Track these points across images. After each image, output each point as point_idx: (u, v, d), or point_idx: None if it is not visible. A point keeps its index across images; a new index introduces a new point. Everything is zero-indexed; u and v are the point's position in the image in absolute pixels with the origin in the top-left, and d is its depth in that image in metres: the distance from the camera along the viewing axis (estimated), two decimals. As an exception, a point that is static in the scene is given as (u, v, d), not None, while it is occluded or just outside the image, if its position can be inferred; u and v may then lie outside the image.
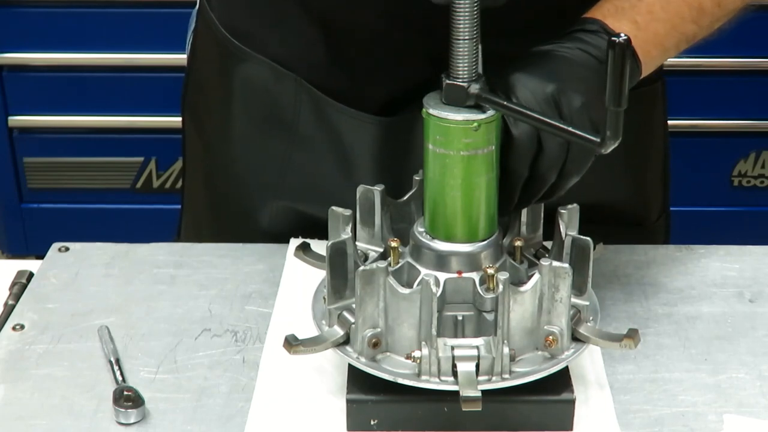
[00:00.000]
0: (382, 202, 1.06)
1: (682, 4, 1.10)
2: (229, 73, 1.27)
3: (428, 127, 0.97)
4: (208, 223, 1.40)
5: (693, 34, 1.12)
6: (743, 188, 2.76)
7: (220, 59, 1.29)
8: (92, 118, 2.70)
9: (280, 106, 1.25)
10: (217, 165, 1.35)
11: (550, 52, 1.03)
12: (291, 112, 1.24)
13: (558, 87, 0.99)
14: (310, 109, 1.23)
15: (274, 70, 1.23)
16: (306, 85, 1.23)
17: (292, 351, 0.97)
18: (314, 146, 1.25)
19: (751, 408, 1.04)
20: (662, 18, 1.09)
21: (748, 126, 2.68)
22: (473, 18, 0.94)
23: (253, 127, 1.28)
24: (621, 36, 0.85)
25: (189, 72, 1.38)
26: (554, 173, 1.00)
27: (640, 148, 1.32)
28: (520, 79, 0.99)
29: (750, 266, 1.25)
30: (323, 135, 1.24)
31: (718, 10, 1.12)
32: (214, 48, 1.30)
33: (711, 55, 2.53)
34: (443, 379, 0.96)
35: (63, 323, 1.15)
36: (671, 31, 1.10)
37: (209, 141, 1.35)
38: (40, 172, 2.79)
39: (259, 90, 1.25)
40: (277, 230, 1.29)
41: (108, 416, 1.02)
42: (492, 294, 0.97)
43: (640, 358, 1.10)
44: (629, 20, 1.06)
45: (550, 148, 0.99)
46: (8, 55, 2.66)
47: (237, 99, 1.28)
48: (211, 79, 1.33)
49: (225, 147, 1.32)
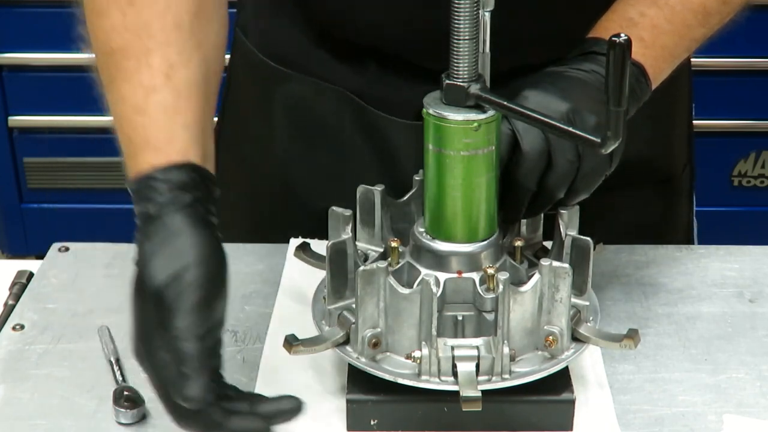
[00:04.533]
0: (382, 202, 1.06)
1: (686, 12, 1.09)
2: (270, 95, 1.28)
3: (428, 127, 0.97)
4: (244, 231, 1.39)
5: (702, 36, 1.11)
6: (743, 188, 2.76)
7: (261, 84, 1.29)
8: (92, 118, 2.70)
9: (323, 119, 1.25)
10: (261, 189, 1.34)
11: (563, 73, 1.03)
12: (335, 124, 1.25)
13: (573, 107, 0.99)
14: (353, 119, 1.24)
15: (316, 85, 1.24)
16: (349, 96, 1.23)
17: (292, 351, 0.97)
18: (360, 156, 1.25)
19: (751, 408, 1.04)
20: (668, 30, 1.08)
21: (748, 126, 2.69)
22: (473, 18, 0.94)
23: (296, 142, 1.28)
24: (621, 36, 0.85)
25: (224, 108, 1.38)
26: (562, 190, 1.00)
27: (666, 102, 1.31)
28: (536, 98, 0.99)
29: (750, 266, 1.25)
30: (368, 144, 1.24)
31: (724, 8, 1.11)
32: (252, 77, 1.30)
33: (711, 55, 2.53)
34: (443, 379, 0.96)
35: (63, 323, 1.15)
36: (680, 41, 1.10)
37: (250, 166, 1.35)
38: (40, 172, 2.79)
39: (303, 105, 1.26)
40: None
41: (108, 416, 1.02)
42: (492, 294, 0.97)
43: (640, 358, 1.10)
44: (636, 38, 1.05)
45: (560, 165, 0.99)
46: (8, 55, 2.66)
47: (279, 116, 1.28)
48: (251, 106, 1.33)
49: (269, 167, 1.31)
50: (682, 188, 1.38)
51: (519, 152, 0.99)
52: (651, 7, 1.08)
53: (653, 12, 1.08)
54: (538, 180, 1.00)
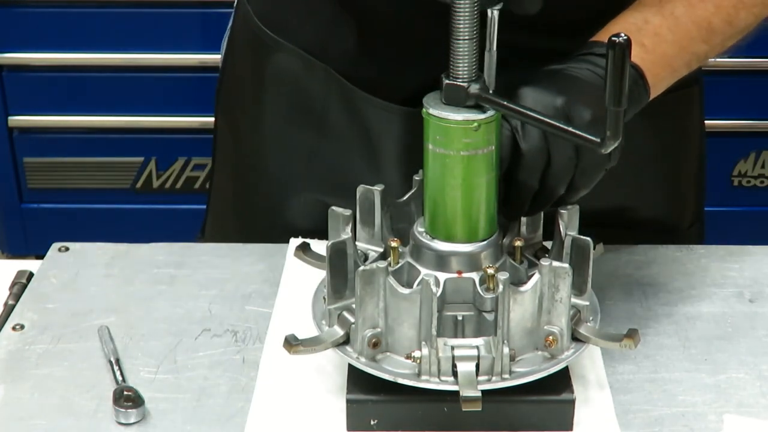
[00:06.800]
0: (382, 202, 1.06)
1: (690, 24, 1.10)
2: (262, 65, 1.29)
3: (428, 127, 0.97)
4: (234, 219, 1.41)
5: (704, 53, 1.12)
6: (743, 188, 2.76)
7: (255, 52, 1.30)
8: (92, 118, 2.70)
9: (309, 97, 1.26)
10: (246, 159, 1.36)
11: (560, 71, 1.04)
12: (320, 103, 1.26)
13: (568, 101, 0.99)
14: (339, 99, 1.25)
15: (304, 60, 1.25)
16: (335, 76, 1.24)
17: (292, 351, 0.97)
18: (342, 137, 1.26)
19: (751, 408, 1.04)
20: (670, 39, 1.09)
21: (748, 126, 2.68)
22: (473, 18, 0.94)
23: (283, 119, 1.30)
24: (621, 36, 0.85)
25: (224, 69, 1.40)
26: (563, 186, 1.01)
27: (674, 153, 1.32)
28: (531, 93, 1.00)
29: (750, 266, 1.25)
30: (351, 126, 1.25)
31: (729, 28, 1.12)
32: (249, 41, 1.31)
33: (711, 55, 2.53)
34: (443, 379, 0.96)
35: (63, 323, 1.15)
36: (680, 52, 1.10)
37: (241, 136, 1.37)
38: (40, 172, 2.79)
39: (290, 81, 1.27)
40: (304, 225, 1.30)
41: (108, 416, 1.02)
42: (492, 294, 0.97)
43: (640, 358, 1.10)
44: (637, 43, 1.05)
45: (558, 162, 0.99)
46: (8, 55, 2.66)
47: (269, 91, 1.29)
48: (246, 73, 1.34)
49: (256, 140, 1.33)
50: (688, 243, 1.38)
51: (519, 152, 0.99)
52: (656, 16, 1.09)
53: (657, 20, 1.09)
54: (539, 178, 1.00)
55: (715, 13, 1.10)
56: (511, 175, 1.00)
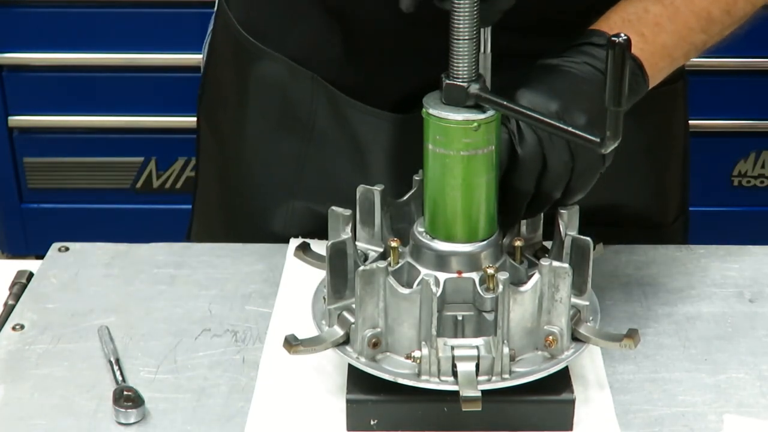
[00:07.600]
0: (382, 202, 1.06)
1: (689, 14, 1.10)
2: (245, 72, 1.28)
3: (428, 127, 0.97)
4: (220, 225, 1.40)
5: (702, 42, 1.12)
6: (743, 188, 2.76)
7: (237, 58, 1.29)
8: (92, 118, 2.70)
9: (295, 104, 1.25)
10: (231, 165, 1.35)
11: (557, 66, 1.03)
12: (307, 110, 1.25)
13: (562, 105, 0.99)
14: (326, 106, 1.24)
15: (290, 67, 1.24)
16: (322, 83, 1.23)
17: (292, 351, 0.97)
18: (330, 144, 1.25)
19: (751, 408, 1.04)
20: (670, 29, 1.09)
21: (748, 126, 2.69)
22: (473, 18, 0.94)
23: (268, 126, 1.29)
24: (621, 36, 0.85)
25: (206, 72, 1.39)
26: (559, 191, 1.01)
27: (660, 149, 1.32)
28: (526, 96, 0.99)
29: (750, 266, 1.25)
30: (339, 133, 1.24)
31: (727, 18, 1.12)
32: (231, 47, 1.30)
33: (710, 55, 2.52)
34: (443, 379, 0.96)
35: (63, 323, 1.15)
36: (679, 42, 1.10)
37: (224, 141, 1.36)
38: (40, 172, 2.79)
39: (275, 88, 1.26)
40: (292, 232, 1.29)
41: (108, 416, 1.02)
42: (492, 294, 0.97)
43: (640, 358, 1.10)
44: (636, 32, 1.05)
45: (554, 167, 0.99)
46: (8, 55, 2.66)
47: (253, 98, 1.28)
48: (228, 78, 1.33)
49: (240, 146, 1.32)
50: (673, 238, 1.38)
51: (515, 157, 0.99)
52: (656, 5, 1.09)
53: (657, 9, 1.08)
54: (535, 183, 1.00)
55: (714, 3, 1.10)
56: (506, 181, 1.00)
